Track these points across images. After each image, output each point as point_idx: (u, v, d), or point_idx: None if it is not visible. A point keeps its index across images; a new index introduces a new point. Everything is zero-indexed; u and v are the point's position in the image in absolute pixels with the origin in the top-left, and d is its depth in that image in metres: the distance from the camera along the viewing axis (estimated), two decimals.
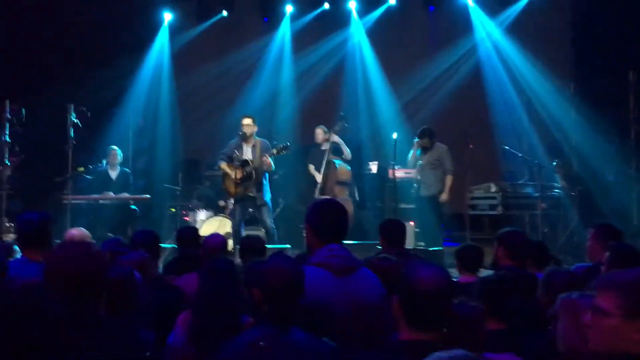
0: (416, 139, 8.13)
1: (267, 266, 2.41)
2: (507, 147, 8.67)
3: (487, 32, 10.15)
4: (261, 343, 2.16)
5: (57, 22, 9.35)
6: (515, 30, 9.88)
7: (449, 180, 8.06)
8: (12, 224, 8.18)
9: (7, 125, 8.10)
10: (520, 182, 8.81)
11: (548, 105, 9.44)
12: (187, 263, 4.08)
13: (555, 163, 8.78)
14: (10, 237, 7.71)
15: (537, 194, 8.16)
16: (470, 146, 8.29)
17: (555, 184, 8.61)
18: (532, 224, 8.10)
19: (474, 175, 8.55)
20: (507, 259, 4.05)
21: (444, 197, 8.03)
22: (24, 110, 8.15)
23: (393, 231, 4.29)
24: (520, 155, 8.56)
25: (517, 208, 8.23)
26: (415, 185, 8.27)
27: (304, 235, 3.07)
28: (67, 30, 9.52)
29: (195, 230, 5.28)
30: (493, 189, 8.34)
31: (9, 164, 8.15)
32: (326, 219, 2.72)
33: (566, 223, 8.20)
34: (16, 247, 4.99)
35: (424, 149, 8.09)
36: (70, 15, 9.41)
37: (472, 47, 10.23)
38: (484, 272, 5.12)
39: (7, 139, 8.11)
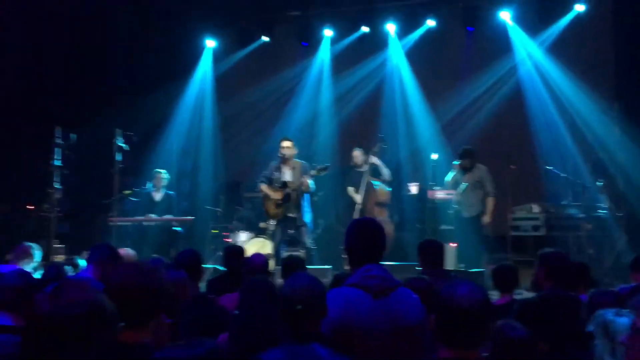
0: (455, 162, 8.09)
1: (285, 285, 2.47)
2: (550, 168, 8.53)
3: (528, 51, 10.05)
4: None
5: (105, 50, 9.72)
6: (557, 49, 9.76)
7: (490, 202, 7.99)
8: (62, 245, 8.48)
9: (58, 150, 8.42)
10: (564, 202, 8.62)
11: (592, 124, 9.25)
12: (231, 281, 4.17)
13: (600, 183, 8.57)
14: (60, 258, 7.99)
15: (581, 215, 7.98)
16: (512, 167, 8.17)
17: (601, 205, 8.39)
18: (577, 246, 7.91)
19: (516, 196, 8.42)
20: (549, 280, 3.98)
21: (485, 219, 7.96)
22: (74, 135, 8.46)
23: (431, 251, 4.27)
24: (563, 175, 8.40)
25: (561, 229, 8.05)
26: (455, 206, 8.21)
27: (343, 256, 3.09)
28: (115, 58, 9.90)
29: (241, 249, 5.38)
30: (536, 209, 8.20)
31: (59, 187, 8.44)
32: (362, 240, 2.72)
33: (613, 244, 7.97)
34: (67, 268, 5.19)
35: (465, 170, 8.04)
36: (118, 44, 9.78)
37: (512, 67, 10.14)
38: (525, 294, 5.06)
39: (58, 163, 8.42)
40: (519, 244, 8.35)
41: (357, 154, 8.50)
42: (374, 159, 8.35)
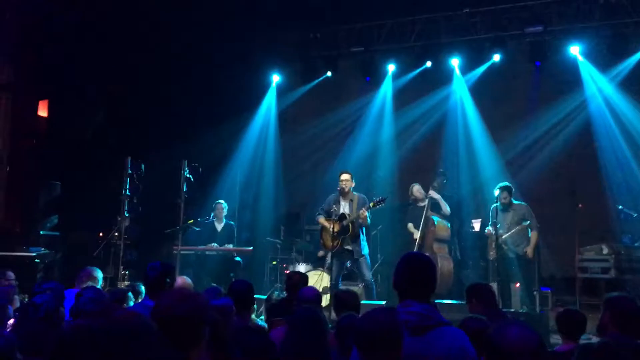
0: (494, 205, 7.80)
1: (362, 317, 2.43)
2: (621, 207, 8.16)
3: (598, 86, 9.75)
4: None
5: (174, 84, 10.13)
6: (629, 85, 9.42)
7: (534, 236, 7.67)
8: (127, 272, 8.77)
9: (128, 180, 8.78)
10: (636, 245, 8.20)
11: None
12: (289, 307, 4.21)
13: None
14: (125, 284, 8.26)
15: None
16: (580, 205, 7.87)
17: None
18: None
19: (585, 237, 8.08)
20: (614, 326, 3.77)
21: (529, 251, 7.61)
22: (143, 165, 8.82)
23: (484, 292, 4.16)
24: (635, 215, 8.01)
25: (632, 272, 7.66)
26: (503, 246, 7.84)
27: None
28: (184, 92, 10.29)
29: (305, 276, 5.41)
30: (605, 250, 7.86)
31: (127, 215, 8.77)
32: (407, 274, 2.65)
33: None
34: (130, 294, 5.35)
35: (505, 208, 7.74)
36: (186, 78, 10.18)
37: (582, 102, 9.84)
38: (594, 339, 4.81)
39: (128, 193, 8.77)
40: (589, 286, 7.99)
41: (417, 189, 8.42)
42: (434, 194, 8.24)
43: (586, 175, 9.36)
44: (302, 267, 9.09)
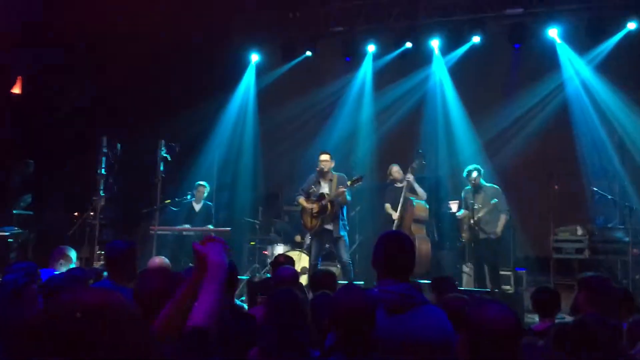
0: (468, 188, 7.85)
1: (336, 297, 2.43)
2: (596, 189, 8.27)
3: (576, 69, 9.82)
4: None
5: (150, 63, 9.96)
6: (607, 67, 9.49)
7: (503, 219, 7.76)
8: (103, 252, 8.67)
9: (104, 159, 8.66)
10: (609, 225, 8.34)
11: None
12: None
13: None
14: (100, 264, 8.17)
15: (627, 239, 7.70)
16: (556, 187, 7.96)
17: None
18: (623, 270, 7.63)
19: (560, 218, 8.19)
20: (589, 305, 3.83)
21: (497, 231, 7.69)
22: (119, 145, 8.68)
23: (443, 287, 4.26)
24: (610, 197, 8.13)
25: (606, 253, 7.80)
26: (475, 227, 7.89)
27: None
28: (161, 71, 10.12)
29: (291, 259, 5.36)
30: (580, 232, 7.97)
31: (103, 195, 8.66)
32: (385, 253, 2.65)
33: None
34: (105, 274, 5.29)
35: (475, 190, 7.80)
36: (163, 57, 10.01)
37: (559, 85, 9.91)
38: (568, 318, 4.89)
39: (103, 172, 8.64)
40: (563, 266, 8.12)
41: (396, 170, 8.42)
42: (410, 177, 8.24)
43: (563, 157, 9.46)
44: (280, 248, 9.09)
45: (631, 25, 9.27)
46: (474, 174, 7.74)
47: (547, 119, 9.79)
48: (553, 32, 9.73)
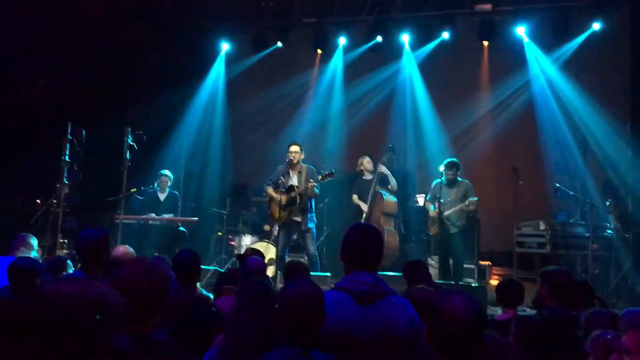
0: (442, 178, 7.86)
1: (285, 290, 2.46)
2: (558, 185, 8.46)
3: (542, 68, 10.02)
4: None
5: (118, 50, 9.79)
6: (572, 66, 9.71)
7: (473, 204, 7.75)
8: (66, 241, 8.52)
9: (68, 146, 8.49)
10: (571, 221, 8.56)
11: (603, 143, 9.17)
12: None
13: (608, 203, 8.48)
14: (63, 252, 8.03)
15: (588, 234, 7.91)
16: (520, 182, 8.11)
17: (608, 225, 8.30)
18: (583, 265, 7.84)
19: (523, 212, 8.36)
20: (551, 298, 3.94)
21: (471, 207, 7.71)
22: (84, 132, 8.52)
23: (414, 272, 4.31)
24: (572, 193, 8.32)
25: (566, 247, 8.00)
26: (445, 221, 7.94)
27: None
28: (129, 58, 9.95)
29: (260, 253, 5.32)
30: (542, 226, 8.14)
31: (67, 182, 8.50)
32: (356, 245, 2.67)
33: (619, 266, 7.88)
34: (69, 262, 5.21)
35: (449, 184, 7.84)
36: (131, 44, 9.84)
37: (525, 83, 10.11)
38: (529, 311, 5.01)
39: (67, 159, 8.48)
40: (525, 260, 8.29)
41: (367, 161, 8.45)
42: (383, 169, 8.29)
43: (528, 153, 9.66)
44: (248, 239, 9.07)
45: (596, 26, 9.50)
46: (453, 171, 7.74)
47: (513, 116, 9.98)
48: (521, 30, 9.91)
